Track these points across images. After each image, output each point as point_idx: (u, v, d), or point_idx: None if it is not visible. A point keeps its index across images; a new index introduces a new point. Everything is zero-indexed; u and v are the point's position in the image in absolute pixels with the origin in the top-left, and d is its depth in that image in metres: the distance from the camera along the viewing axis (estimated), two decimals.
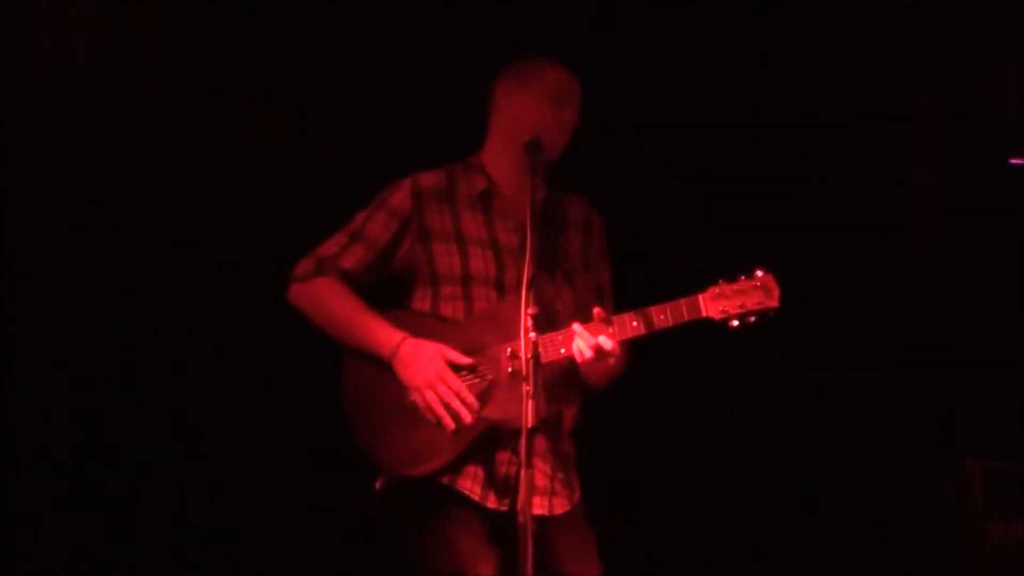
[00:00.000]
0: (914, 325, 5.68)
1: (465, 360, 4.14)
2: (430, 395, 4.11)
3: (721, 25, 5.69)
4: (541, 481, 4.18)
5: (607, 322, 4.07)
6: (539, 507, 4.12)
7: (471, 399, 4.11)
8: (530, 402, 3.70)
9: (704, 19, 5.69)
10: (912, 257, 5.75)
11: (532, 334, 3.78)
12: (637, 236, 4.76)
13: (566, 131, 4.27)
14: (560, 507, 4.23)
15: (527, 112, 4.25)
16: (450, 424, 4.09)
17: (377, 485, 4.21)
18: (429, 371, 4.12)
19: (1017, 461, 5.20)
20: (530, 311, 3.80)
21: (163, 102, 5.56)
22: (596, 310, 4.09)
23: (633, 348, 4.25)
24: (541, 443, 4.17)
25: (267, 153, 5.65)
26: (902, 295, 5.71)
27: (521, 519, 3.71)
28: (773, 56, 5.69)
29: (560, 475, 4.25)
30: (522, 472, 3.70)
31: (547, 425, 4.17)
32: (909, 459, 5.56)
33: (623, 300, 4.28)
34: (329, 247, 4.33)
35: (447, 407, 4.10)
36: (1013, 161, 5.25)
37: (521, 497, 3.71)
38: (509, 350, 4.06)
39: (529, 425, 3.70)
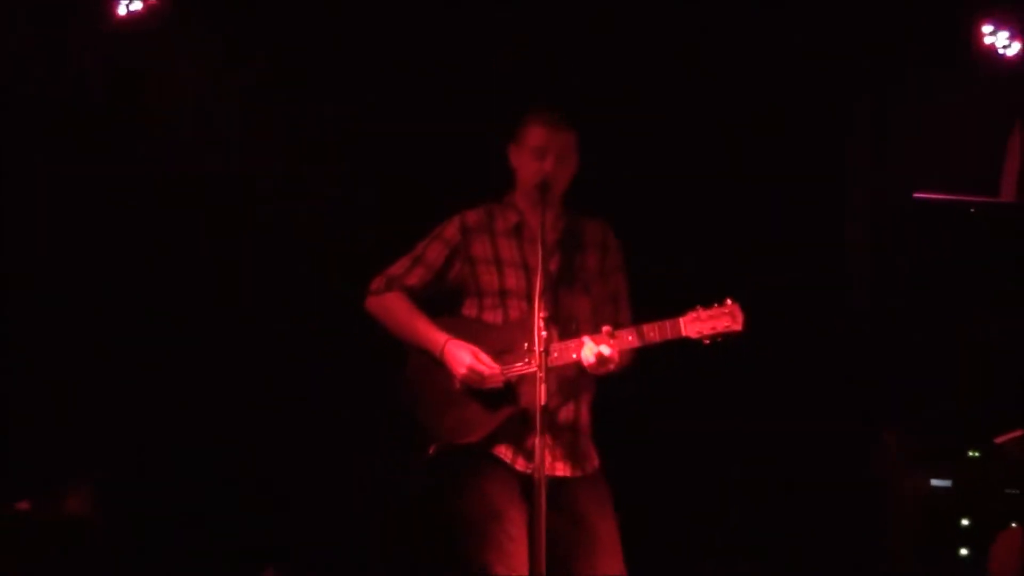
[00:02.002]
0: (846, 328, 6.28)
1: (493, 365, 4.76)
2: (472, 378, 4.77)
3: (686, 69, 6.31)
4: (563, 450, 4.80)
5: (611, 336, 4.66)
6: (563, 470, 4.78)
7: (496, 367, 4.73)
8: (542, 385, 4.43)
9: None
10: (847, 268, 6.38)
11: (544, 332, 4.48)
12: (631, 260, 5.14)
13: (551, 172, 4.85)
14: (582, 470, 4.84)
15: (523, 167, 4.95)
16: (493, 385, 4.75)
17: (431, 451, 4.86)
18: (464, 364, 4.78)
19: (925, 431, 5.86)
20: (543, 314, 4.51)
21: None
22: (604, 328, 4.67)
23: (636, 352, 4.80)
24: (563, 421, 4.81)
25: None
26: (836, 302, 6.36)
27: (537, 476, 4.40)
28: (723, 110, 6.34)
29: (582, 443, 4.87)
30: (537, 440, 4.40)
31: (567, 409, 4.82)
32: (839, 431, 6.18)
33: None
34: (396, 268, 5.03)
35: (484, 380, 4.76)
36: (916, 195, 5.86)
37: (537, 459, 4.41)
38: (526, 344, 4.67)
39: (543, 402, 4.42)
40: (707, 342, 4.69)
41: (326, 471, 6.32)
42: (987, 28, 6.23)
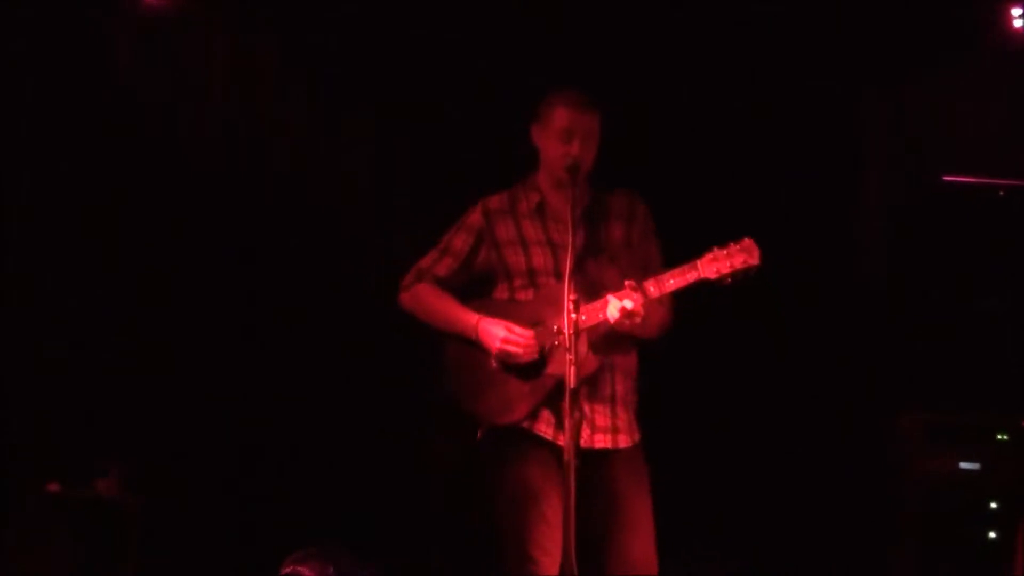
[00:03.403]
0: (862, 309, 6.33)
1: (526, 331, 4.83)
2: (507, 350, 4.84)
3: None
4: (603, 421, 4.86)
5: (636, 289, 4.69)
6: (602, 442, 4.84)
7: (529, 332, 4.82)
8: (572, 367, 4.49)
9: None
10: (858, 243, 6.43)
11: (573, 315, 4.52)
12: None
13: (579, 155, 4.88)
14: (624, 442, 4.90)
15: (548, 148, 4.99)
16: (529, 357, 4.83)
17: (479, 435, 4.94)
18: (498, 337, 4.86)
19: (944, 412, 5.89)
20: (572, 297, 4.54)
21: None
22: (628, 282, 4.71)
23: (675, 308, 4.91)
24: (603, 390, 4.87)
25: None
26: (851, 284, 6.40)
27: (567, 457, 4.45)
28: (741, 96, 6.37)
29: (622, 415, 4.92)
30: (567, 420, 4.46)
31: (604, 377, 4.87)
32: (856, 411, 6.24)
33: None
34: (426, 261, 5.13)
35: (519, 347, 4.83)
36: (945, 178, 5.90)
37: (567, 440, 4.47)
38: (556, 327, 4.71)
39: (571, 386, 4.48)
40: (728, 281, 4.72)
41: (357, 452, 6.41)
42: (1016, 11, 6.29)
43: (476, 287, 5.14)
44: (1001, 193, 5.96)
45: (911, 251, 6.30)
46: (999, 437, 5.82)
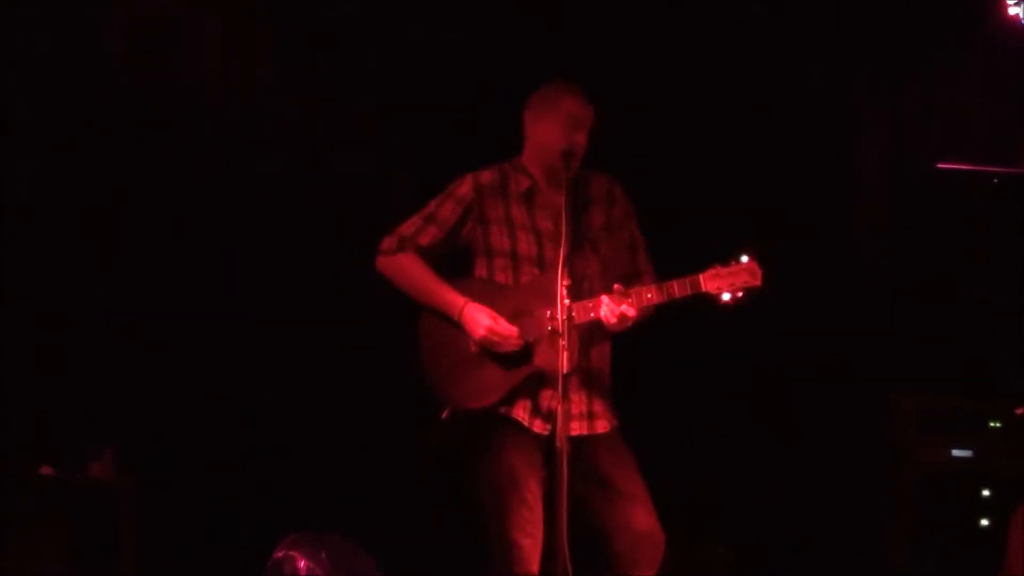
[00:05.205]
0: (860, 299, 6.42)
1: (511, 328, 4.80)
2: (492, 339, 4.80)
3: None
4: (578, 408, 4.81)
5: (624, 295, 4.68)
6: (578, 429, 4.77)
7: (513, 331, 4.77)
8: (564, 353, 4.48)
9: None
10: (855, 232, 6.53)
11: (567, 301, 4.52)
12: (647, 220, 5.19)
13: (580, 148, 4.87)
14: (601, 427, 4.86)
15: (550, 136, 4.89)
16: (512, 348, 4.78)
17: (443, 415, 4.86)
18: (483, 325, 4.80)
19: (937, 399, 5.94)
20: (565, 283, 4.54)
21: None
22: (616, 286, 4.70)
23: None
24: (577, 381, 4.78)
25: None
26: (849, 272, 6.51)
27: (558, 443, 4.46)
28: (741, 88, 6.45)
29: (597, 402, 4.88)
30: (559, 406, 4.47)
31: (583, 367, 4.81)
32: (852, 398, 6.30)
33: None
34: (408, 227, 5.01)
35: (504, 341, 4.79)
36: (940, 165, 5.90)
37: (559, 427, 4.48)
38: (548, 313, 4.68)
39: (564, 370, 4.47)
40: (726, 298, 4.72)
41: (347, 438, 6.41)
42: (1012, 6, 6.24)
43: (452, 257, 5.09)
44: (995, 180, 5.96)
45: (907, 238, 6.34)
46: (991, 424, 5.86)
